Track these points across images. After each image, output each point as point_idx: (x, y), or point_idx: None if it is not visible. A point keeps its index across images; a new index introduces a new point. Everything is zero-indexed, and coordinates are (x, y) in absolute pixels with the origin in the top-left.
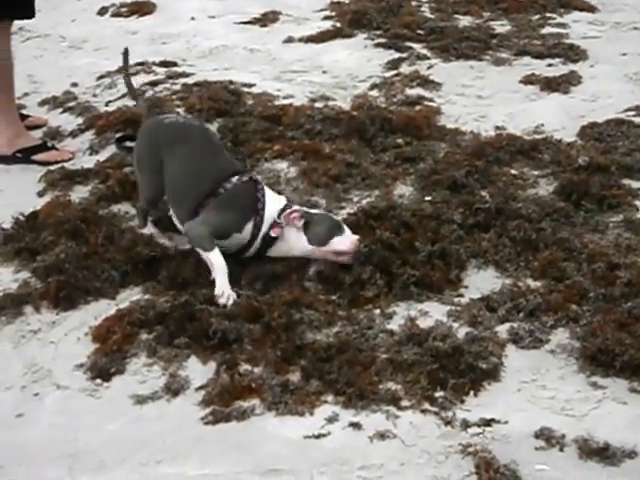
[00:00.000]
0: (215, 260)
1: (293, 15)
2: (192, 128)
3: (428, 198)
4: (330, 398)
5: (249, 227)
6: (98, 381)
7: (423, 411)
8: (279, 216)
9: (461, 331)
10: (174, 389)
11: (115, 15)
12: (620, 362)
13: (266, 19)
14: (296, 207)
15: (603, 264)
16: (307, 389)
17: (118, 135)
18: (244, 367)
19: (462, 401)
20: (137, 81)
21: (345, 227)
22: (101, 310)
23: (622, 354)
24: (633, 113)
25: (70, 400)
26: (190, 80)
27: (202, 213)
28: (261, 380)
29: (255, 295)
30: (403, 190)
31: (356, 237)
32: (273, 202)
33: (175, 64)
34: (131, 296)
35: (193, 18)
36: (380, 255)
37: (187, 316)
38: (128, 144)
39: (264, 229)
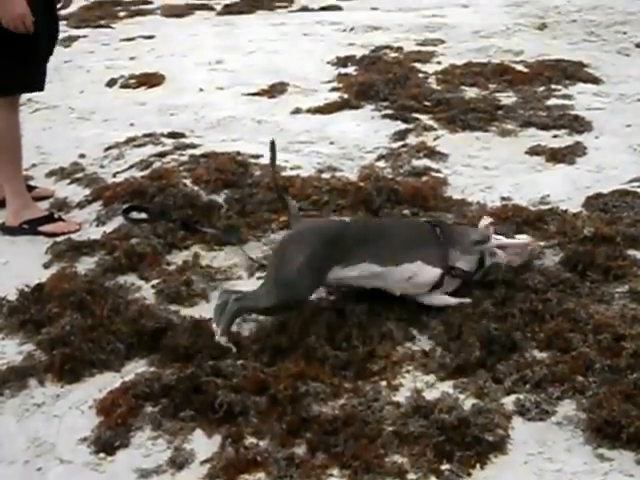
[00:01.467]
0: None
1: (301, 86)
2: None
3: None
4: (336, 472)
5: None
6: (102, 455)
7: None
8: None
9: (467, 403)
10: (179, 463)
11: (124, 86)
12: (627, 434)
13: (274, 90)
14: None
15: (609, 335)
16: (313, 462)
17: (125, 206)
18: (249, 440)
19: (469, 474)
20: (144, 152)
21: None
22: (106, 383)
23: (628, 426)
24: (638, 184)
25: (73, 474)
26: (198, 151)
27: None
28: (267, 453)
29: (261, 367)
30: None
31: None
32: None
33: (183, 135)
34: (136, 368)
35: (201, 89)
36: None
37: (193, 388)
38: (135, 215)
39: None
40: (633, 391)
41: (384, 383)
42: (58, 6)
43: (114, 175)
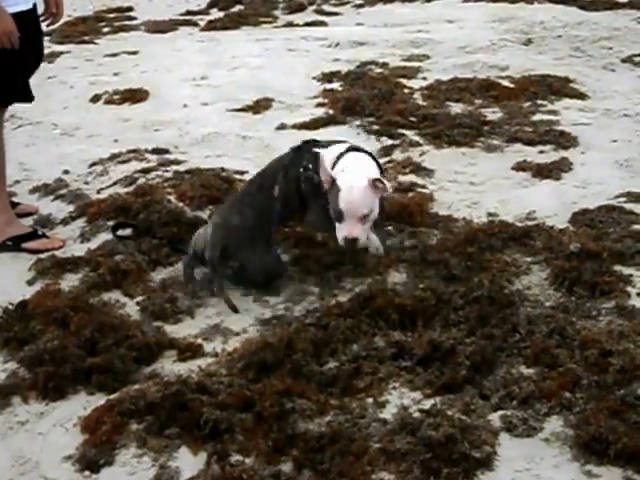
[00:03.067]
0: None
1: (286, 102)
2: None
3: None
4: None
5: None
6: (86, 473)
7: None
8: None
9: (454, 419)
10: None
11: (108, 102)
12: (614, 450)
13: (259, 106)
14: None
15: (596, 351)
16: None
17: (113, 223)
18: (235, 458)
19: None
20: (129, 168)
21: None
22: (91, 400)
23: (616, 442)
24: (624, 199)
25: None
26: (182, 167)
27: None
28: (252, 471)
29: (247, 384)
30: (397, 278)
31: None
32: None
33: (167, 151)
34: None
35: (186, 105)
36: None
37: (178, 406)
38: (123, 232)
39: None
40: (620, 407)
41: (370, 400)
42: (46, 23)
43: (98, 191)
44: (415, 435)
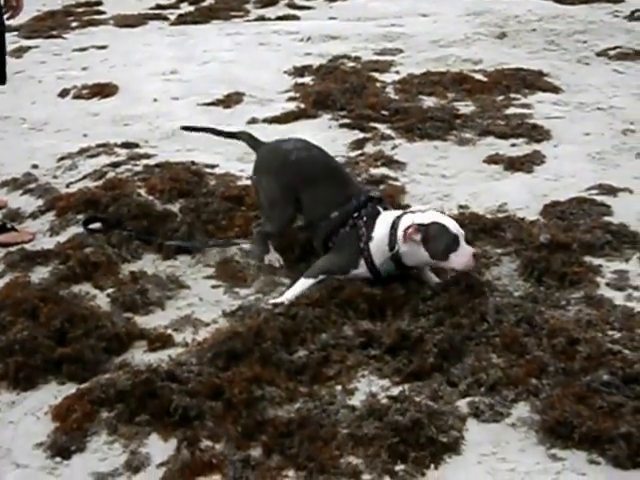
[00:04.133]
0: (301, 284)
1: (257, 96)
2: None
3: None
4: (291, 473)
5: (362, 263)
6: (58, 459)
7: None
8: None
9: (422, 405)
10: (135, 466)
11: (76, 97)
12: (579, 434)
13: (230, 100)
14: (408, 218)
15: (563, 339)
16: (268, 464)
17: (84, 217)
18: (205, 443)
19: (423, 474)
20: (98, 162)
21: (461, 238)
22: (61, 389)
23: (580, 426)
24: (595, 192)
25: (30, 479)
26: (152, 161)
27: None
28: (222, 456)
29: (216, 372)
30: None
31: (472, 251)
32: (381, 227)
33: (137, 145)
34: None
35: (156, 100)
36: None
37: (148, 393)
38: (94, 226)
39: (378, 261)
40: (586, 393)
41: (339, 387)
42: (6, 16)
43: (67, 185)
44: (382, 420)
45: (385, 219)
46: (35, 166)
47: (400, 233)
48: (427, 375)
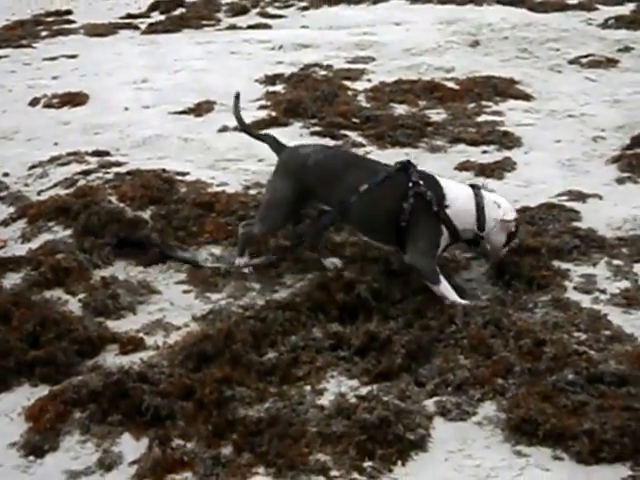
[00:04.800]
0: (447, 289)
1: (228, 105)
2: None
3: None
4: (261, 470)
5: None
6: (31, 458)
7: None
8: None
9: (389, 404)
10: (107, 464)
11: (47, 106)
12: (543, 431)
13: (201, 109)
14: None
15: (530, 340)
16: (239, 462)
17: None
18: (176, 442)
19: (390, 470)
20: (69, 170)
21: None
22: (34, 391)
23: (545, 423)
24: (565, 197)
25: (4, 477)
26: (123, 169)
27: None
28: (193, 454)
29: (187, 373)
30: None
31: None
32: (459, 199)
33: (108, 153)
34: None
35: (126, 108)
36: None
37: (120, 394)
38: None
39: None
40: (551, 392)
41: (308, 387)
42: None
43: (38, 193)
44: (351, 419)
45: (457, 191)
46: (6, 174)
47: (496, 220)
48: (395, 375)
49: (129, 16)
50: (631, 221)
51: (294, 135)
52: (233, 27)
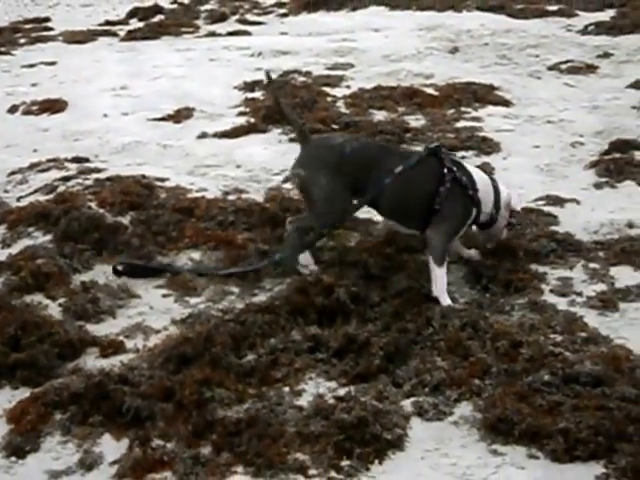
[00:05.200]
0: (441, 277)
1: (207, 111)
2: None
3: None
4: (240, 469)
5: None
6: (13, 459)
7: (330, 479)
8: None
9: (367, 405)
10: (88, 464)
11: (26, 113)
12: (519, 430)
13: (180, 115)
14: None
15: (506, 342)
16: (218, 461)
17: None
18: (156, 442)
19: (367, 469)
20: (49, 177)
21: None
22: (15, 394)
23: (521, 423)
24: (543, 202)
25: None
26: (102, 175)
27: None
28: (173, 454)
29: (167, 375)
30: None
31: None
32: (481, 183)
33: (87, 160)
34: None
35: (106, 115)
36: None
37: (101, 396)
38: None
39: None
40: (527, 392)
41: (287, 389)
42: None
43: (18, 199)
44: (329, 419)
45: (480, 175)
46: None
47: (505, 204)
48: (373, 377)
49: (107, 23)
50: (608, 225)
51: (273, 141)
52: (212, 34)
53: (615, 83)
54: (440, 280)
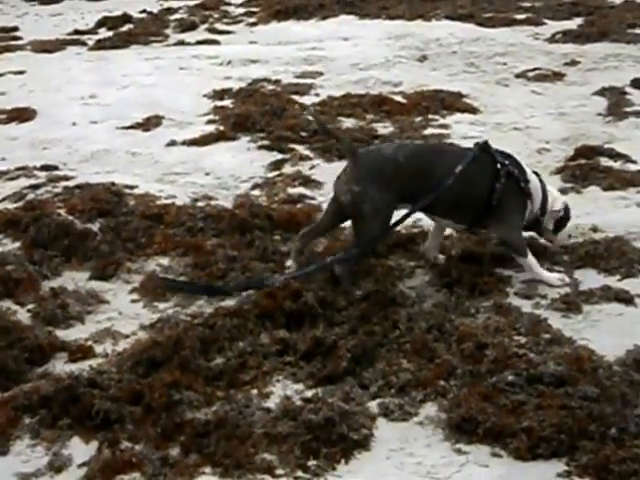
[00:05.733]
0: (533, 263)
1: (176, 119)
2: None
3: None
4: (208, 470)
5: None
6: None
7: (296, 478)
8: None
9: (334, 406)
10: (57, 467)
11: None
12: (483, 429)
13: (149, 123)
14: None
15: (472, 344)
16: (186, 462)
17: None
18: (125, 444)
19: (334, 468)
20: (18, 185)
21: None
22: None
23: (485, 422)
24: None
25: None
26: (71, 183)
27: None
28: (142, 455)
29: (136, 379)
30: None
31: None
32: (533, 181)
33: (57, 168)
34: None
35: (75, 123)
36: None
37: (70, 399)
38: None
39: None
40: (491, 392)
41: (255, 391)
42: None
43: None
44: (296, 420)
45: (532, 174)
46: None
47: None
48: (340, 379)
49: (76, 32)
50: (572, 229)
51: (242, 149)
52: (182, 43)
53: (581, 90)
54: (535, 267)
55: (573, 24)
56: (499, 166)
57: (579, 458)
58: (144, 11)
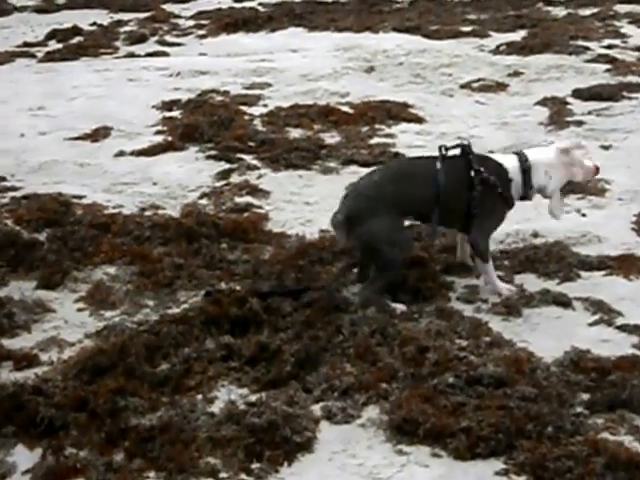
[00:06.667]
0: (491, 270)
1: (125, 130)
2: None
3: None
4: (152, 474)
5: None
6: None
7: None
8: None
9: (278, 410)
10: (1, 474)
11: None
12: (423, 430)
13: (97, 135)
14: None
15: (414, 347)
16: (130, 467)
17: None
18: (70, 450)
19: (277, 471)
20: None
21: None
22: None
23: (425, 423)
24: None
25: None
26: (19, 193)
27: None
28: (86, 461)
29: (81, 386)
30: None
31: None
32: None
33: (4, 179)
34: None
35: (22, 135)
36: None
37: (15, 407)
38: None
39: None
40: (432, 394)
41: (200, 396)
42: None
43: None
44: (240, 423)
45: (510, 161)
46: None
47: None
48: (284, 383)
49: (26, 45)
50: (513, 235)
51: (190, 159)
52: (131, 55)
53: (524, 100)
54: (490, 274)
55: (517, 36)
56: (472, 174)
57: (516, 457)
58: (94, 24)
